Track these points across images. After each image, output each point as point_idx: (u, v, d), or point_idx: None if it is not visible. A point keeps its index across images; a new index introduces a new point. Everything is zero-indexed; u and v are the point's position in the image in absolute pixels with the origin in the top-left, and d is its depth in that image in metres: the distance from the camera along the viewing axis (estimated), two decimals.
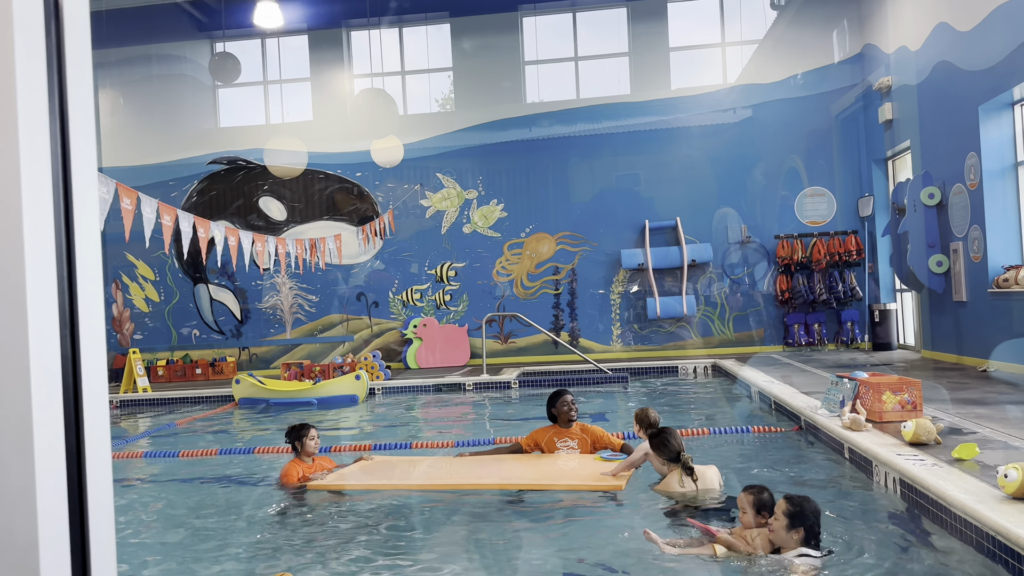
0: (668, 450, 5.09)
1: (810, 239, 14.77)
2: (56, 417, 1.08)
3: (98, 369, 1.15)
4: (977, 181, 10.36)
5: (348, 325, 15.94)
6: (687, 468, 4.92)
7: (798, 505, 3.79)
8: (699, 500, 4.85)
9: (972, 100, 10.38)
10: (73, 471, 1.10)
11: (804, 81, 14.97)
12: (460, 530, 4.79)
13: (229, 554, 4.56)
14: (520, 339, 15.55)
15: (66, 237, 1.12)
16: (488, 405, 10.98)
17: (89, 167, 1.16)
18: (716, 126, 15.20)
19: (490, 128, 15.74)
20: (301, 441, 6.11)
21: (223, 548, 4.69)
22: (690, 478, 4.90)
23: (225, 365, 15.63)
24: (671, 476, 5.01)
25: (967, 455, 4.80)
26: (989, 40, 9.87)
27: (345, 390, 11.32)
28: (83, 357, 1.13)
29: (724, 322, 15.10)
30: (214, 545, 4.76)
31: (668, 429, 5.21)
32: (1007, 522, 3.51)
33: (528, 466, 6.00)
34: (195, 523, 5.28)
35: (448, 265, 15.75)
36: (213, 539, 4.89)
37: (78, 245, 1.14)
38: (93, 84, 1.20)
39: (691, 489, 4.89)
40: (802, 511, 3.77)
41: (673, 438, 5.11)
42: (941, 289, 11.51)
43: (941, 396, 7.79)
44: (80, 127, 1.14)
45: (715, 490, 4.96)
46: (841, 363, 11.76)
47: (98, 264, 1.19)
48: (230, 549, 4.67)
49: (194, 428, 9.95)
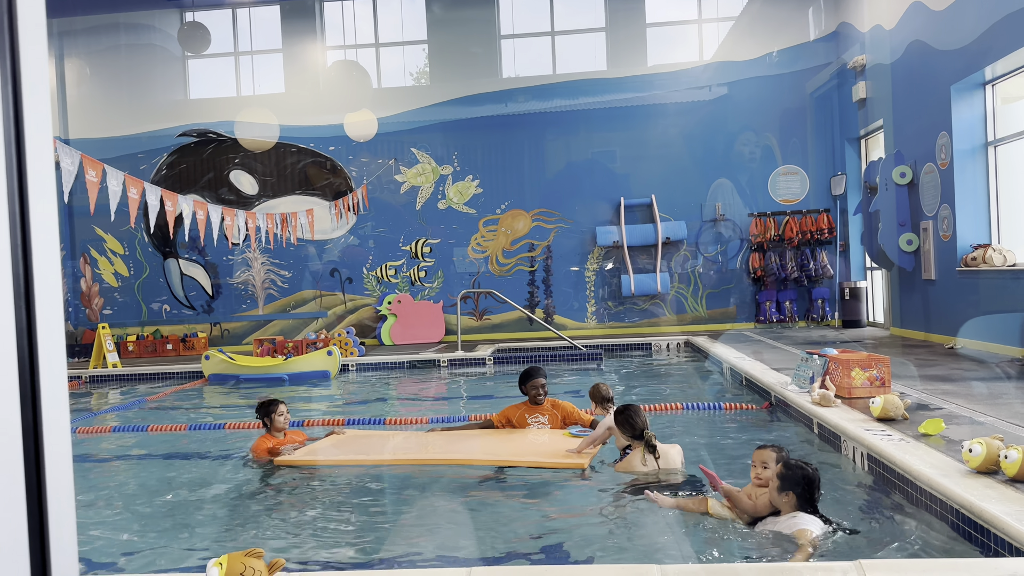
0: (631, 427, 5.09)
1: (783, 217, 14.88)
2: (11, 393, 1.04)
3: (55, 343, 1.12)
4: (948, 160, 10.47)
5: (322, 301, 15.83)
6: (650, 446, 4.92)
7: (789, 468, 3.82)
8: (661, 478, 4.86)
9: (944, 79, 10.46)
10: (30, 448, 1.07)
11: (779, 59, 15.00)
12: (430, 505, 4.80)
13: (197, 531, 4.53)
14: (495, 316, 15.56)
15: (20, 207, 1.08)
16: (462, 382, 10.99)
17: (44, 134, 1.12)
18: (692, 103, 15.20)
19: (466, 103, 15.60)
20: (270, 417, 6.16)
21: (191, 524, 4.66)
22: (652, 456, 4.91)
23: (196, 341, 15.47)
24: (634, 454, 5.02)
25: (933, 430, 4.88)
26: (962, 20, 9.93)
27: (317, 366, 11.25)
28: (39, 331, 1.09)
29: (697, 299, 15.21)
30: (182, 520, 4.72)
31: (632, 406, 5.19)
32: (971, 495, 3.58)
33: (499, 442, 6.03)
34: (164, 498, 5.23)
35: (423, 241, 15.67)
36: (182, 515, 4.86)
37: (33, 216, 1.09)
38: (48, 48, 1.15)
39: (653, 468, 4.89)
40: (792, 476, 3.78)
41: (637, 416, 5.09)
42: (911, 267, 11.66)
43: (909, 372, 7.92)
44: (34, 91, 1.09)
45: (677, 469, 4.95)
46: (811, 340, 11.91)
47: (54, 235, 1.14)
48: (198, 525, 4.64)
49: (164, 404, 9.86)
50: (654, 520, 4.16)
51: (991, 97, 10.19)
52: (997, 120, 10.15)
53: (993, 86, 10.11)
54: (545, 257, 15.50)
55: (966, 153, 10.32)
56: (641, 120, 15.28)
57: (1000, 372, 7.82)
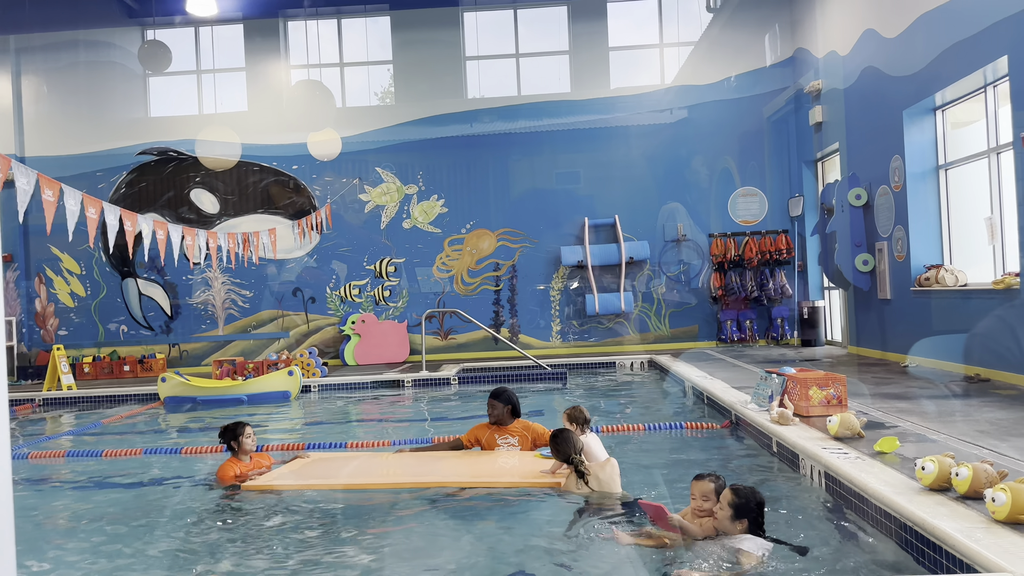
0: (560, 453, 5.18)
1: (743, 238, 15.13)
2: None
3: None
4: (901, 183, 10.75)
5: (283, 321, 15.67)
6: (578, 472, 5.00)
7: (743, 496, 3.87)
8: (600, 501, 4.89)
9: (897, 104, 10.76)
10: None
11: (737, 83, 15.31)
12: (398, 529, 4.75)
13: (152, 558, 4.43)
14: (460, 335, 15.53)
15: None
16: (427, 402, 10.93)
17: None
18: (653, 126, 15.43)
19: (431, 123, 15.66)
20: (237, 440, 6.02)
21: (146, 551, 4.56)
22: (582, 480, 4.97)
23: (154, 362, 15.20)
24: (569, 477, 5.11)
25: (888, 448, 4.98)
26: (913, 47, 10.24)
27: (277, 387, 11.10)
28: None
29: (660, 318, 15.35)
30: (138, 548, 4.62)
31: (564, 433, 5.27)
32: (923, 513, 3.66)
33: (468, 463, 5.99)
34: (118, 526, 5.11)
35: (387, 261, 15.62)
36: (136, 542, 4.75)
37: None
38: None
39: (585, 491, 4.97)
40: (747, 503, 3.85)
41: (566, 443, 5.17)
42: (867, 287, 11.92)
43: (865, 391, 8.08)
44: None
45: (611, 492, 4.99)
46: (771, 359, 12.08)
47: None
48: (154, 552, 4.54)
49: (120, 427, 9.65)
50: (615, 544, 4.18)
51: (941, 122, 10.50)
52: (948, 144, 10.46)
53: (943, 111, 10.43)
54: (510, 276, 15.55)
55: (918, 176, 10.61)
56: (604, 142, 15.47)
57: (949, 390, 8.01)
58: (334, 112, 15.65)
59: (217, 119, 15.92)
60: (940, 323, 9.91)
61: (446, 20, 15.83)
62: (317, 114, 15.45)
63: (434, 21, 15.84)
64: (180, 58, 15.77)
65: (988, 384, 8.24)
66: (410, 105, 15.78)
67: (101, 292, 15.91)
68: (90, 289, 15.91)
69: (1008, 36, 8.23)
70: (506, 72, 15.96)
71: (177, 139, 15.82)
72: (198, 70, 16.18)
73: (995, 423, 6.05)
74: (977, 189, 9.72)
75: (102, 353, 15.72)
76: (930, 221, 10.61)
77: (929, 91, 9.97)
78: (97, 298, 15.90)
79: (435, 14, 15.83)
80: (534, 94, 15.71)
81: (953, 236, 10.46)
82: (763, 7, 15.27)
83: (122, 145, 15.87)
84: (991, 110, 9.30)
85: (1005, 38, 8.29)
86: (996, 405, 6.90)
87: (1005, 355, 8.43)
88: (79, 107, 16.02)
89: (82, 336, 15.88)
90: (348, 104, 16.08)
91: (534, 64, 16.00)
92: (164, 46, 14.82)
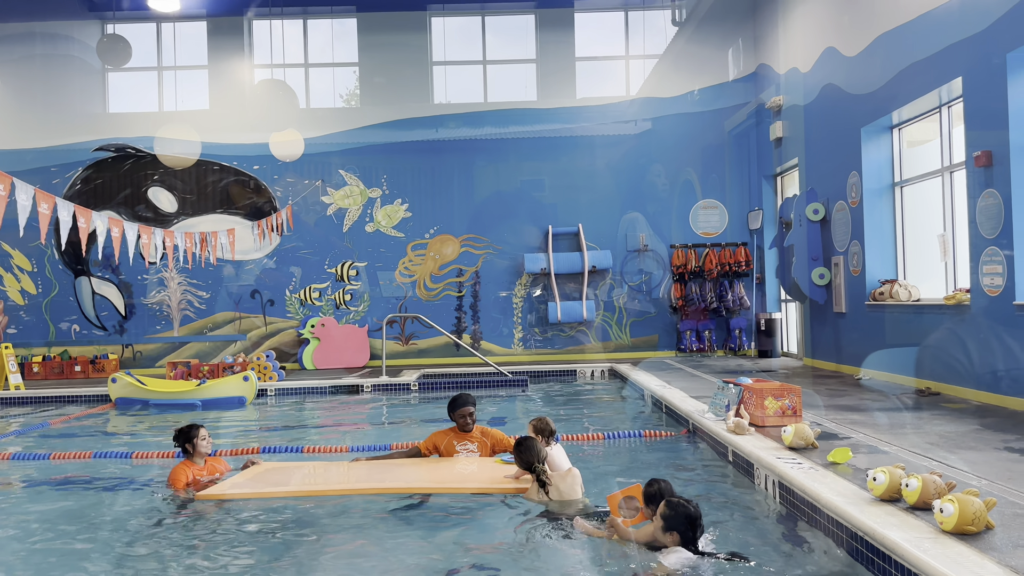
0: (522, 461, 5.21)
1: (703, 249, 15.30)
2: None
3: None
4: (858, 199, 10.97)
5: (240, 324, 15.43)
6: (539, 480, 5.02)
7: (673, 509, 3.89)
8: (562, 510, 4.90)
9: (855, 122, 10.99)
10: None
11: (700, 97, 15.52)
12: (355, 538, 4.68)
13: (97, 566, 4.30)
14: (421, 341, 15.45)
15: None
16: (386, 407, 10.84)
17: None
18: (618, 136, 15.56)
19: (396, 127, 15.58)
20: (192, 443, 5.87)
21: (90, 560, 4.42)
22: (543, 490, 4.98)
23: (107, 363, 14.85)
24: (532, 486, 5.12)
25: (841, 459, 5.06)
26: (872, 66, 10.48)
27: (232, 391, 10.91)
28: None
29: (622, 327, 15.44)
30: (82, 555, 4.48)
31: (528, 441, 5.30)
32: (873, 522, 3.72)
33: (428, 470, 5.93)
34: (62, 532, 4.96)
35: (349, 264, 15.49)
36: (81, 549, 4.61)
37: None
38: None
39: (545, 500, 4.98)
40: (676, 515, 3.86)
41: (529, 452, 5.20)
42: (823, 300, 12.12)
43: (819, 402, 8.20)
44: None
45: (573, 499, 5.01)
46: (729, 369, 12.22)
47: None
48: (99, 561, 4.40)
49: (70, 429, 9.40)
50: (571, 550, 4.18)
51: (898, 140, 10.75)
52: (903, 162, 10.71)
53: (900, 130, 10.68)
54: (473, 283, 15.52)
55: (875, 192, 10.84)
56: (569, 151, 15.55)
57: (901, 403, 8.18)
58: (297, 113, 15.51)
59: (177, 117, 15.65)
60: (893, 337, 10.12)
61: (414, 24, 15.79)
62: (280, 114, 15.29)
63: (402, 25, 15.79)
64: (141, 54, 15.48)
65: (938, 397, 8.43)
66: (375, 108, 15.69)
67: (53, 290, 15.51)
68: (41, 287, 15.51)
69: (963, 58, 8.46)
70: (473, 78, 15.97)
71: (136, 136, 15.52)
72: (159, 66, 15.90)
73: (944, 436, 6.19)
74: (931, 207, 9.96)
75: (53, 353, 15.32)
76: (885, 237, 10.84)
77: (886, 110, 10.20)
78: (49, 296, 15.50)
79: (403, 18, 15.79)
80: (500, 101, 15.73)
81: (907, 252, 10.71)
82: (727, 23, 15.50)
83: (78, 140, 15.51)
84: (945, 130, 9.54)
85: (960, 60, 8.52)
86: (946, 418, 7.06)
87: (955, 369, 8.64)
88: (34, 101, 15.63)
89: (32, 335, 15.45)
90: (312, 105, 15.93)
91: (501, 71, 16.03)
92: (124, 41, 14.54)
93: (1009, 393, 7.72)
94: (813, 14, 12.53)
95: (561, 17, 15.78)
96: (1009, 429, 6.44)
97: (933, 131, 9.92)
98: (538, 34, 15.82)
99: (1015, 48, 7.62)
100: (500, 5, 15.89)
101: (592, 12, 15.98)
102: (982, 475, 4.81)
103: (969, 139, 8.42)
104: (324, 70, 16.08)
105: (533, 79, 15.89)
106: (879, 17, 10.24)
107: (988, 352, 8.08)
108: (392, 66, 15.76)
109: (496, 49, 15.99)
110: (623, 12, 15.89)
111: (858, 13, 10.87)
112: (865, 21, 10.64)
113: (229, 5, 15.66)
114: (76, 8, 15.65)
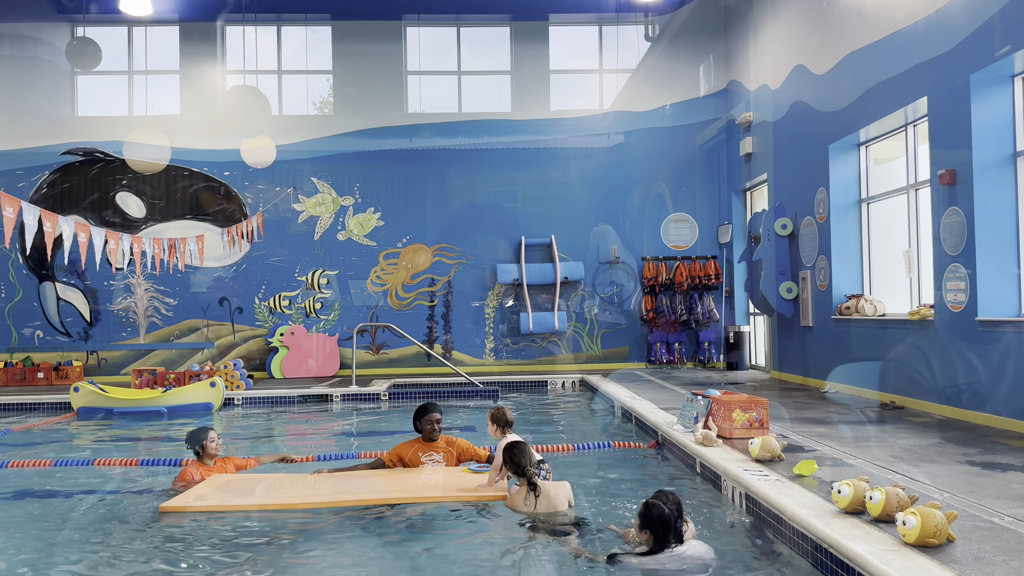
0: (514, 464, 5.08)
1: (674, 262, 15.43)
2: None
3: None
4: (826, 215, 11.14)
5: (208, 331, 15.24)
6: (531, 484, 4.94)
7: (646, 507, 3.97)
8: (547, 519, 4.84)
9: (823, 139, 11.18)
10: None
11: (672, 112, 15.69)
12: (319, 549, 4.63)
13: None
14: (392, 350, 15.37)
15: None
16: (355, 417, 10.76)
17: None
18: (591, 149, 15.66)
19: (369, 135, 15.54)
20: (202, 445, 6.22)
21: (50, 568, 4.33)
22: (532, 494, 4.92)
23: (71, 369, 14.58)
24: (518, 492, 5.03)
25: (807, 471, 5.12)
26: (840, 85, 10.67)
27: (198, 398, 10.76)
28: None
29: (593, 338, 15.50)
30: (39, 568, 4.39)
31: (520, 444, 5.20)
32: (837, 535, 3.76)
33: (393, 481, 5.87)
34: (18, 542, 4.85)
35: (320, 272, 15.38)
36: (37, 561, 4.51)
37: None
38: None
39: (532, 508, 4.90)
40: (648, 515, 3.94)
41: (522, 454, 5.08)
42: (790, 314, 12.28)
43: (786, 415, 8.29)
44: None
45: (562, 511, 4.95)
46: (697, 381, 12.31)
47: None
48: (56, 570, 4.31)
49: (30, 437, 9.20)
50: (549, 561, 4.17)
51: (865, 157, 10.95)
52: (870, 179, 10.91)
53: (867, 147, 10.88)
54: (445, 293, 15.49)
55: (842, 208, 11.02)
56: (542, 162, 15.61)
57: (865, 416, 8.30)
58: (269, 119, 15.41)
59: (147, 121, 15.47)
60: (859, 351, 10.28)
61: (389, 33, 15.79)
62: (252, 120, 15.18)
63: (376, 34, 15.77)
64: (112, 57, 15.30)
65: (902, 411, 8.56)
66: (349, 116, 15.64)
67: (16, 295, 15.21)
68: (4, 291, 15.20)
69: (928, 78, 8.65)
70: (447, 89, 15.99)
71: (104, 140, 15.31)
72: (130, 70, 15.71)
73: (908, 449, 6.29)
74: (896, 223, 10.14)
75: (15, 359, 15.01)
76: (852, 252, 11.02)
77: (854, 127, 10.38)
78: (12, 301, 15.19)
79: (378, 27, 15.78)
80: (475, 112, 15.77)
81: (873, 268, 10.89)
82: (699, 39, 15.70)
83: (46, 143, 15.27)
84: (911, 148, 9.74)
85: (925, 80, 8.71)
86: (909, 432, 7.17)
87: (919, 383, 8.79)
88: (0, 102, 15.36)
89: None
90: (285, 112, 15.83)
91: (475, 82, 16.07)
92: (94, 44, 14.35)
93: (970, 407, 7.87)
94: (783, 32, 12.74)
95: (536, 30, 15.88)
96: (970, 443, 6.56)
97: (899, 149, 10.11)
98: (513, 46, 15.89)
99: (978, 69, 7.81)
100: (475, 17, 15.95)
101: (567, 26, 16.11)
102: (944, 488, 4.90)
103: (934, 157, 8.60)
104: (297, 77, 16.00)
105: (507, 91, 15.95)
106: (848, 36, 10.44)
107: (950, 367, 8.23)
108: (366, 75, 15.74)
109: (471, 60, 16.04)
110: (597, 27, 16.03)
111: (827, 32, 11.08)
112: (834, 40, 10.84)
113: (202, 10, 15.54)
114: (45, 10, 15.42)
